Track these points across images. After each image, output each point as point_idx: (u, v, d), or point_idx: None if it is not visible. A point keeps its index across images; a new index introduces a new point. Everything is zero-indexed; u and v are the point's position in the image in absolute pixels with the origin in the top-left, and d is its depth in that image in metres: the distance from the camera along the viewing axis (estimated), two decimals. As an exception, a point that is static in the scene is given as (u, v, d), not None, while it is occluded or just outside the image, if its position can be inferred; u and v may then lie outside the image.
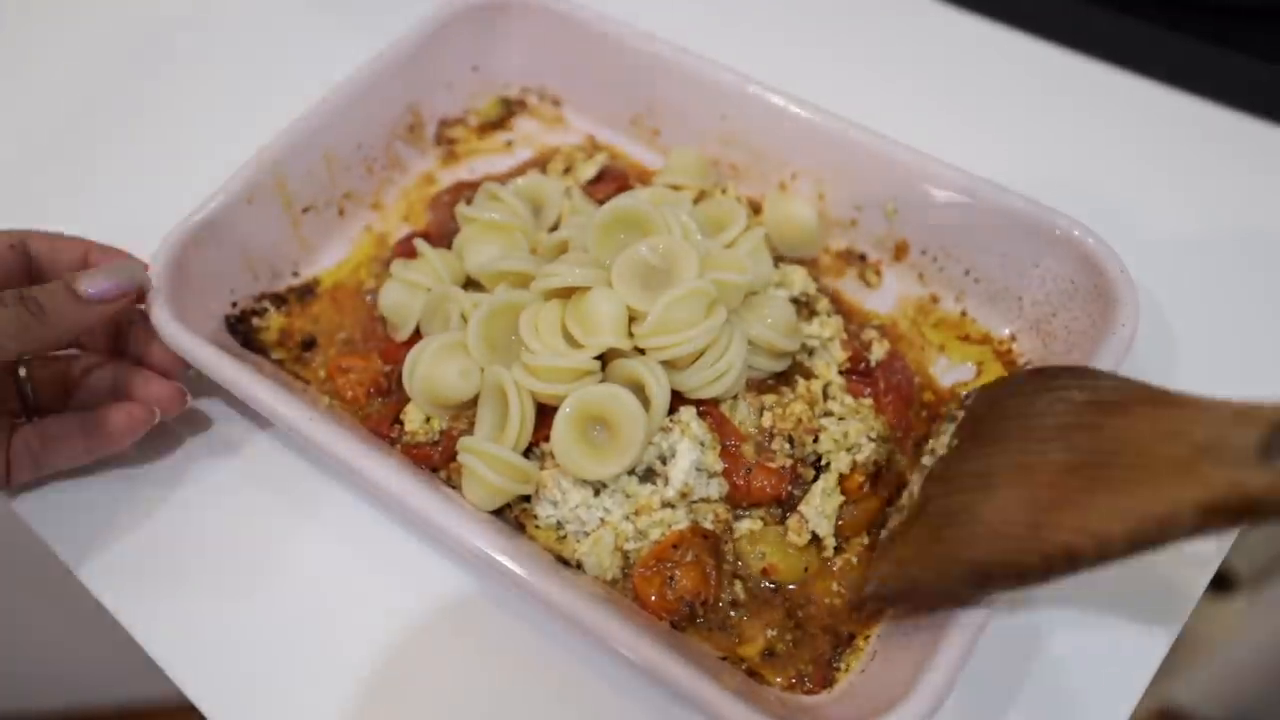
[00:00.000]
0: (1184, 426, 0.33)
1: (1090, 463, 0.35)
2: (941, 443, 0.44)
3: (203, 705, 0.43)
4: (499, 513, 0.46)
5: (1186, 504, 0.31)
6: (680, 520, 0.44)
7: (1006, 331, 0.51)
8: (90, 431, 0.45)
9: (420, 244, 0.52)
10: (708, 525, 0.45)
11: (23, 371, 0.46)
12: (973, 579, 0.36)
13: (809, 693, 0.42)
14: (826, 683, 0.42)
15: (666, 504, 0.45)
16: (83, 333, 0.44)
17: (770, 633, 0.43)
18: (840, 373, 0.49)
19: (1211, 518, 0.31)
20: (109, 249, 0.47)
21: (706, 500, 0.45)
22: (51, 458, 0.46)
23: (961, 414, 0.44)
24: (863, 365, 0.49)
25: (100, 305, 0.43)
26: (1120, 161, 0.60)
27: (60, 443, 0.45)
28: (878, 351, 0.50)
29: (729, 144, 0.56)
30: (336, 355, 0.52)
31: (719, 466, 0.45)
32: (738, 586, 0.44)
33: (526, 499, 0.46)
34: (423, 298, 0.50)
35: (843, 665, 0.42)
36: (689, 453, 0.44)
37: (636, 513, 0.44)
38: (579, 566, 0.44)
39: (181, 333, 0.45)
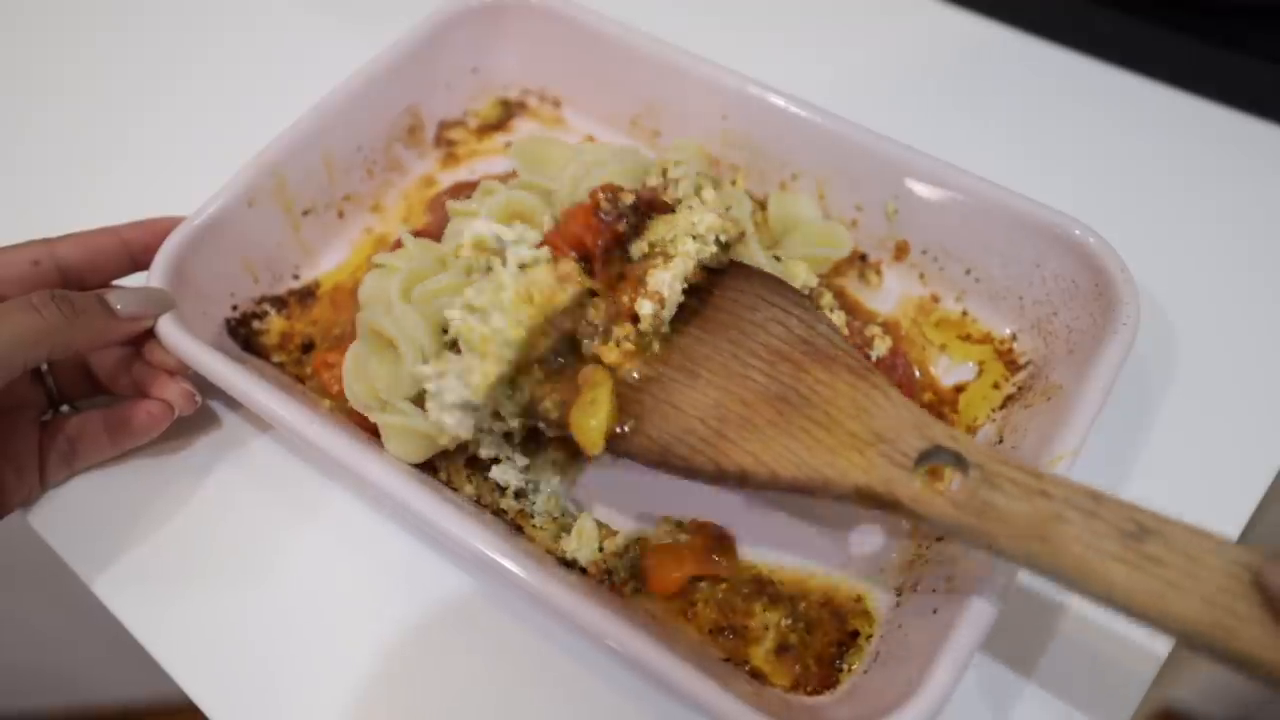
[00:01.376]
0: (872, 410, 0.37)
1: (785, 399, 0.39)
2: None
3: (204, 705, 0.43)
4: (498, 514, 0.46)
5: (849, 479, 0.36)
6: (511, 283, 0.40)
7: (1008, 331, 0.51)
8: (114, 428, 0.46)
9: (403, 234, 0.50)
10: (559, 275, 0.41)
11: (44, 364, 0.47)
12: (651, 455, 0.39)
13: (812, 694, 0.42)
14: (829, 684, 0.42)
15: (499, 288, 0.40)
16: (108, 344, 0.45)
17: (771, 635, 0.43)
18: None
19: (862, 498, 0.36)
20: (141, 224, 0.48)
21: (540, 260, 0.41)
22: (80, 456, 0.47)
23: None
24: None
25: (130, 323, 0.44)
26: (1122, 161, 0.60)
27: (87, 441, 0.47)
28: (879, 348, 0.50)
29: (729, 144, 0.56)
30: (325, 351, 0.52)
31: (526, 230, 0.42)
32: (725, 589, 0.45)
33: (518, 495, 0.46)
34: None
35: (845, 666, 0.42)
36: (480, 222, 0.42)
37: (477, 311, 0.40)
38: (578, 567, 0.45)
39: (182, 336, 0.45)
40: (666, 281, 0.41)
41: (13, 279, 0.44)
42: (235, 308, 0.52)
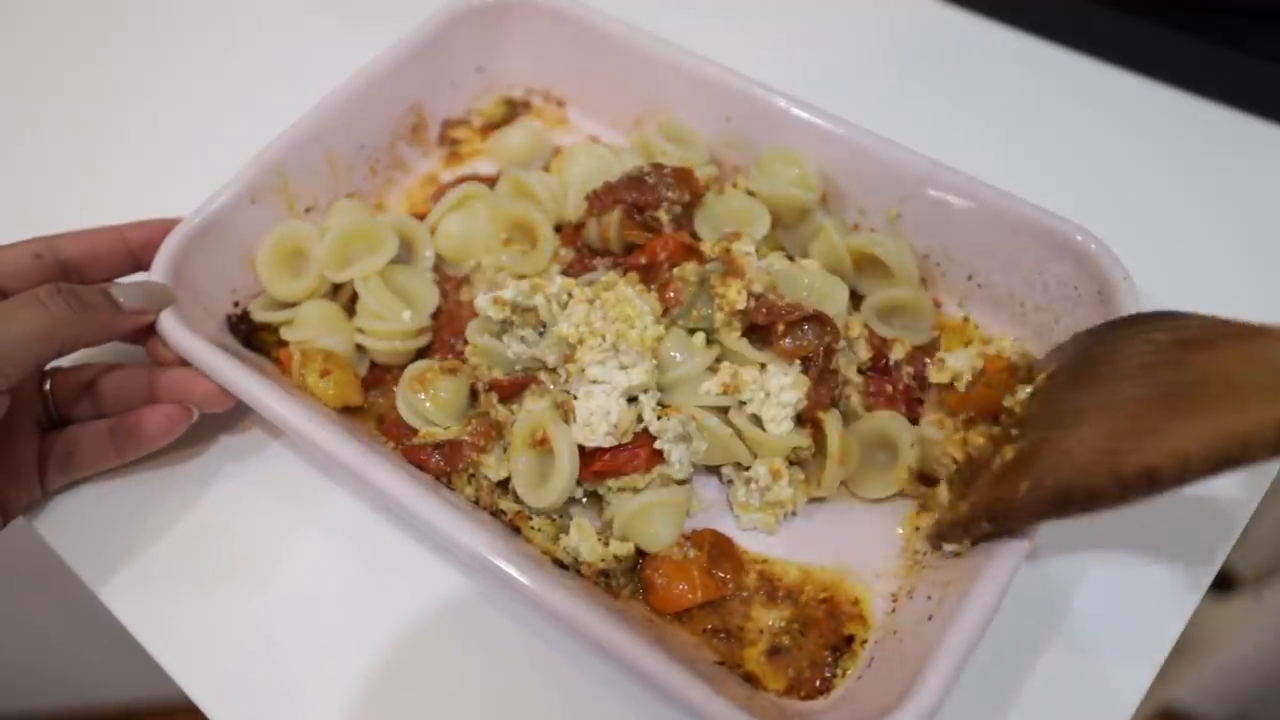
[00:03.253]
0: (1270, 355, 0.34)
1: (1173, 394, 0.35)
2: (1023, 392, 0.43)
3: (204, 705, 0.43)
4: (496, 515, 0.46)
5: (1270, 422, 0.31)
6: None
7: (1010, 337, 0.51)
8: (120, 436, 0.46)
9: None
10: None
11: (47, 385, 0.47)
12: (1053, 501, 0.36)
13: (805, 699, 0.42)
14: (823, 689, 0.42)
15: None
16: (112, 338, 0.45)
17: (765, 637, 0.43)
18: (860, 372, 0.49)
19: None
20: (142, 224, 0.48)
21: None
22: (79, 465, 0.46)
23: (1052, 366, 0.44)
24: (883, 363, 0.49)
25: (133, 317, 0.44)
26: (1122, 162, 0.60)
27: (87, 450, 0.46)
28: (898, 351, 0.50)
29: (732, 146, 0.56)
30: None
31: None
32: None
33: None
34: None
35: (839, 671, 0.42)
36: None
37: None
38: (576, 568, 0.45)
39: (182, 332, 0.45)
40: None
41: (15, 273, 0.44)
42: (236, 304, 0.52)
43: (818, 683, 0.42)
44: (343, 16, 0.70)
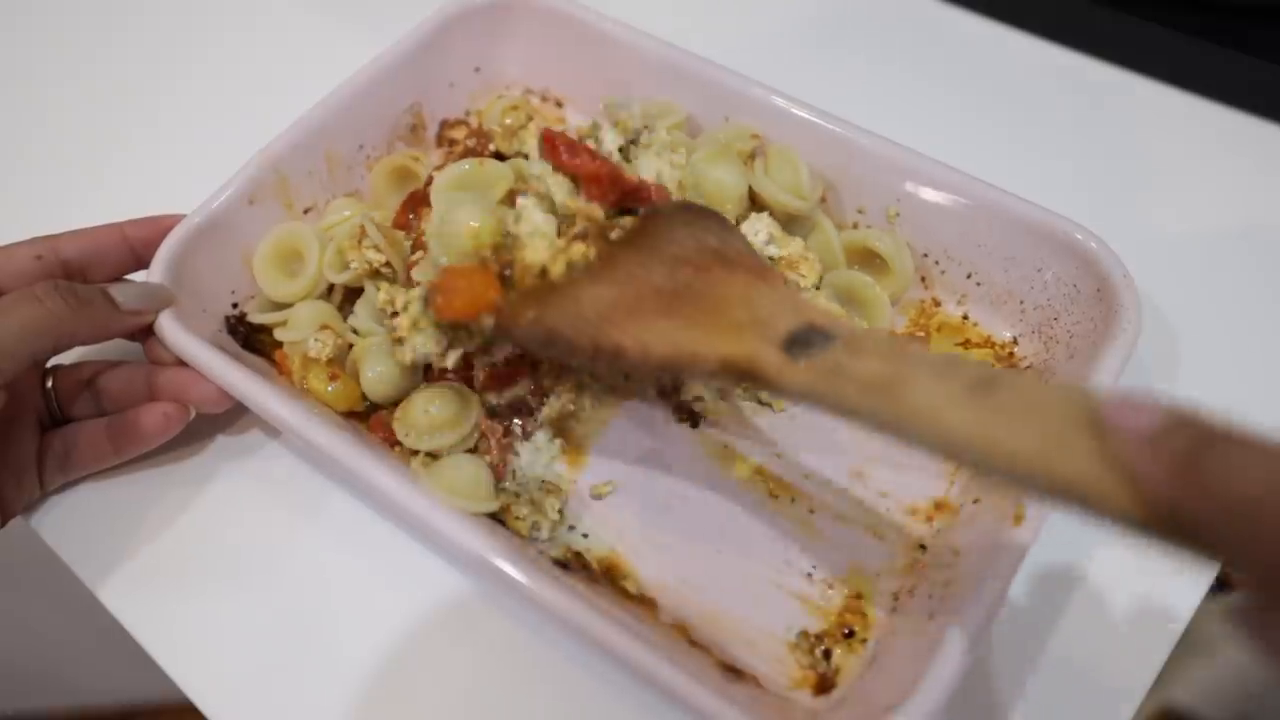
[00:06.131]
0: (758, 299, 0.38)
1: (677, 295, 0.39)
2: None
3: (203, 705, 0.43)
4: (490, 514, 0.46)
5: (715, 353, 0.36)
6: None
7: (1008, 335, 0.51)
8: (117, 434, 0.46)
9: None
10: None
11: (49, 382, 0.47)
12: (541, 339, 0.40)
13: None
14: (824, 687, 0.42)
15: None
16: (110, 337, 0.45)
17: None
18: None
19: (728, 371, 0.36)
20: (143, 221, 0.48)
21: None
22: (77, 463, 0.46)
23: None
24: None
25: (131, 317, 0.44)
26: (1122, 161, 0.60)
27: (85, 447, 0.46)
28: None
29: (731, 146, 0.56)
30: None
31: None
32: None
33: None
34: None
35: (841, 670, 0.42)
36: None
37: None
38: (574, 566, 0.45)
39: (180, 333, 0.45)
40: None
41: (17, 274, 0.44)
42: (235, 305, 0.52)
43: (819, 681, 0.42)
44: (342, 16, 0.70)
